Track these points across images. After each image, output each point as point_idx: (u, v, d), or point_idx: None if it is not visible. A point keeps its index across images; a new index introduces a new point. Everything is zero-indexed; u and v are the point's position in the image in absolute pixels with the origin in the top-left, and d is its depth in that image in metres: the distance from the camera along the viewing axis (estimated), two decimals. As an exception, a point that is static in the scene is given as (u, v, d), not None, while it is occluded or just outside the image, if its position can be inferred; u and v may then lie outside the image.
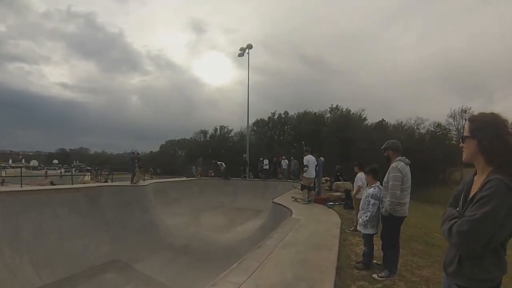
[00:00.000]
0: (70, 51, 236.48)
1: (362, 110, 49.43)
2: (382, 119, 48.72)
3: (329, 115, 51.85)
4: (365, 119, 49.05)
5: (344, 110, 50.53)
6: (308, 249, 4.98)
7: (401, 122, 48.34)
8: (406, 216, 3.93)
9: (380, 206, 4.07)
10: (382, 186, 4.19)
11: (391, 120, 49.78)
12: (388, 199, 3.78)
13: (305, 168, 10.20)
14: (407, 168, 3.86)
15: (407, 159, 3.93)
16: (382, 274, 3.93)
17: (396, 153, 4.02)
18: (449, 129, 44.72)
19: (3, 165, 58.59)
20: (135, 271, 9.91)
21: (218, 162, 21.68)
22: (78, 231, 10.85)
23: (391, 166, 3.91)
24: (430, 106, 70.30)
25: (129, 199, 13.64)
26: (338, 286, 3.64)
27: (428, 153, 36.44)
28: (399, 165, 3.81)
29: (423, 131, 46.10)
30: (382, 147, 4.18)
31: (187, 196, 18.63)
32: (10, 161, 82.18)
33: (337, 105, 51.90)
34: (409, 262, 4.64)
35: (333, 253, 4.79)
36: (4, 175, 32.40)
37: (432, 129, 45.21)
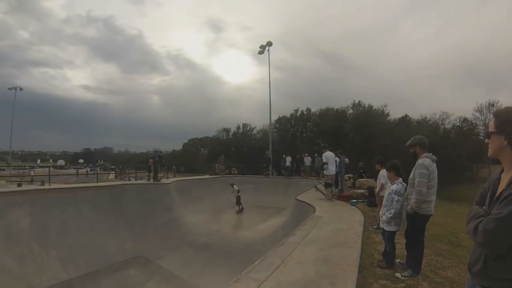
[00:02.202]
0: (91, 54, 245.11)
1: (385, 106, 48.22)
2: (405, 115, 47.44)
3: (351, 111, 50.81)
4: (387, 114, 47.87)
5: (366, 106, 49.45)
6: (330, 247, 4.97)
7: (425, 117, 47.08)
8: (431, 215, 3.83)
9: (405, 203, 3.99)
10: (405, 183, 4.11)
11: (414, 115, 48.38)
12: (414, 196, 3.69)
13: (325, 165, 10.15)
14: (434, 165, 3.76)
15: (433, 156, 3.82)
16: (405, 273, 3.86)
17: (423, 149, 3.92)
18: (476, 124, 42.95)
19: (32, 165, 61.77)
20: (157, 267, 10.11)
21: (234, 186, 17.59)
22: (102, 228, 11.18)
23: (417, 162, 3.82)
24: (455, 101, 67.88)
25: (152, 197, 13.96)
26: (360, 284, 3.62)
27: (454, 149, 35.24)
28: (426, 162, 3.72)
29: (448, 126, 44.76)
30: (408, 143, 4.07)
31: (209, 194, 18.85)
32: (39, 161, 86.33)
33: (359, 101, 50.83)
34: (433, 262, 4.53)
35: (355, 251, 4.76)
36: (33, 174, 34.21)
37: (458, 124, 43.76)
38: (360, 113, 47.13)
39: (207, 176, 23.62)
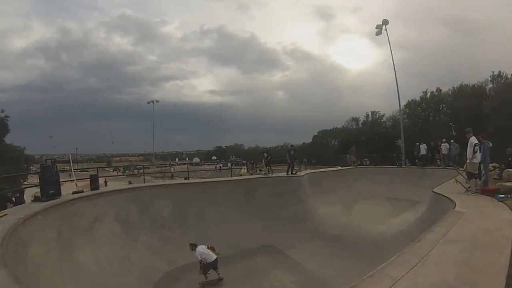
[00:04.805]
0: (211, 62, 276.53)
1: (536, 73, 37.75)
2: None
3: (490, 85, 41.43)
4: (541, 84, 37.30)
5: (509, 76, 39.05)
6: (474, 249, 4.52)
7: None
8: None
9: None
10: None
11: None
12: None
13: (476, 147, 9.03)
14: None
15: None
16: None
17: None
18: None
19: (171, 163, 75.44)
20: (285, 257, 10.57)
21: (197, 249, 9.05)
22: (235, 217, 12.50)
23: None
24: None
25: (285, 189, 14.82)
26: (507, 299, 3.19)
27: None
28: None
29: None
30: None
31: (341, 186, 19.01)
32: (177, 159, 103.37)
33: (499, 72, 40.44)
34: None
35: (503, 257, 4.19)
36: (173, 171, 41.90)
37: None
38: (502, 86, 38.02)
39: (339, 168, 23.68)
